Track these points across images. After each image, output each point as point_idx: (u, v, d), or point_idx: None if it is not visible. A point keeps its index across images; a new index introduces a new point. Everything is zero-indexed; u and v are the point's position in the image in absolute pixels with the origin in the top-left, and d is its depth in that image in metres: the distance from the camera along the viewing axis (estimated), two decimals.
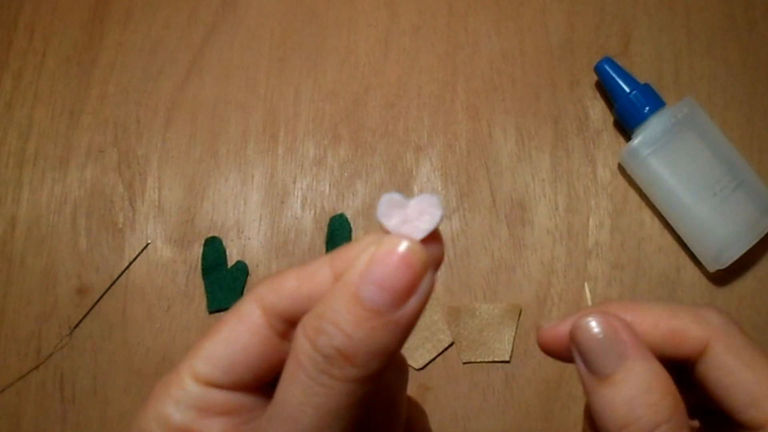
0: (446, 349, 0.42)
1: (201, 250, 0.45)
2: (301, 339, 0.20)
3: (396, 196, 0.19)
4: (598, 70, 0.43)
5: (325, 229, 0.45)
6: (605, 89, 0.44)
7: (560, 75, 0.46)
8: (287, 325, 0.22)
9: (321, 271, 0.21)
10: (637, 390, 0.21)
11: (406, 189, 0.45)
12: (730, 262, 0.40)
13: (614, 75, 0.43)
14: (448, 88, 0.47)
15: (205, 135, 0.48)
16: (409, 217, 0.19)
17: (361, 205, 0.45)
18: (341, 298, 0.19)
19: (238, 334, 0.22)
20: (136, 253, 0.46)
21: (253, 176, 0.47)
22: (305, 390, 0.19)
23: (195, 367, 0.22)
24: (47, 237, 0.47)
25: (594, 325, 0.22)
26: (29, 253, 0.46)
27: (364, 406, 0.20)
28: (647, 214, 0.43)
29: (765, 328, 0.41)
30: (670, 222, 0.42)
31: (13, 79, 0.50)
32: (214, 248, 0.45)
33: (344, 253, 0.21)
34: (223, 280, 0.44)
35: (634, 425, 0.21)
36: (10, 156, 0.49)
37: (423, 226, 0.19)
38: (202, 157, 0.48)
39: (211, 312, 0.44)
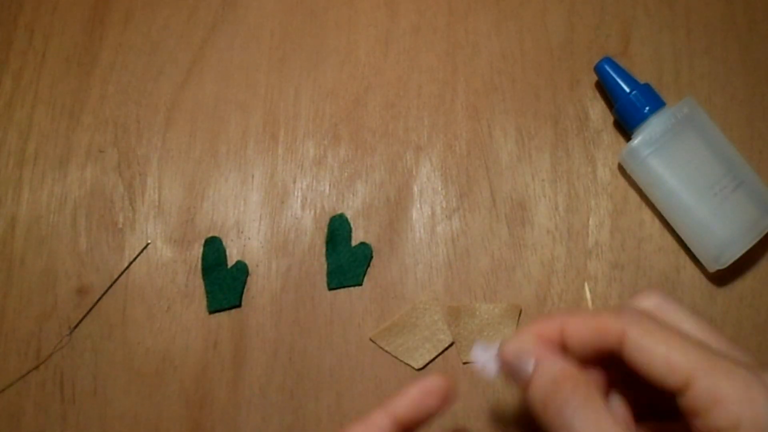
0: (446, 349, 0.42)
1: (201, 250, 0.45)
2: None
3: (483, 344, 0.31)
4: (598, 70, 0.43)
5: (325, 229, 0.45)
6: (605, 89, 0.44)
7: (560, 75, 0.46)
8: None
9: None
10: (546, 382, 0.28)
11: (405, 189, 0.45)
12: (730, 262, 0.40)
13: (614, 75, 0.43)
14: (448, 88, 0.47)
15: (205, 135, 0.48)
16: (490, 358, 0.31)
17: (361, 205, 0.45)
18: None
19: None
20: (136, 253, 0.46)
21: (253, 176, 0.47)
22: None
23: None
24: (47, 237, 0.47)
25: (509, 349, 0.30)
26: (29, 253, 0.46)
27: None
28: (647, 214, 0.43)
29: (765, 328, 0.41)
30: (670, 222, 0.42)
31: (13, 79, 0.50)
32: (214, 248, 0.45)
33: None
34: (223, 280, 0.44)
35: (549, 407, 0.28)
36: (10, 156, 0.49)
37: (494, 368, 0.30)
38: (202, 157, 0.48)
39: (211, 312, 0.44)
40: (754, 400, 0.25)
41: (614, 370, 0.30)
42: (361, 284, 0.44)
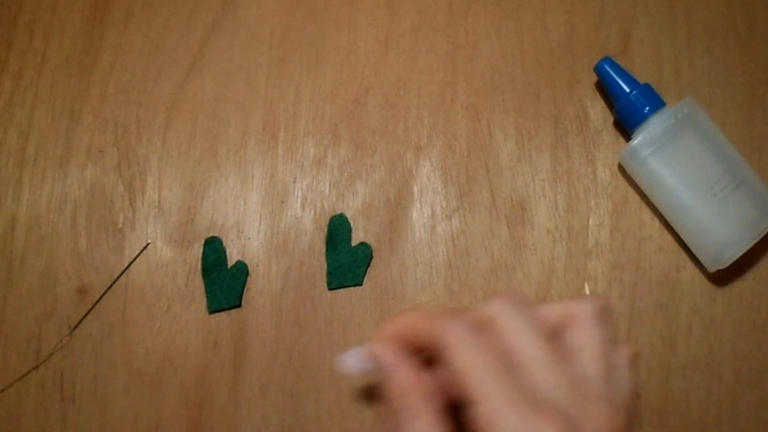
0: None
1: (201, 250, 0.45)
2: None
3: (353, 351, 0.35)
4: (598, 70, 0.43)
5: (325, 229, 0.45)
6: (605, 89, 0.44)
7: (560, 75, 0.46)
8: None
9: None
10: (393, 390, 0.31)
11: (405, 189, 0.45)
12: (730, 262, 0.40)
13: (614, 75, 0.43)
14: (448, 88, 0.47)
15: (205, 135, 0.48)
16: None
17: (361, 205, 0.45)
18: None
19: None
20: (136, 253, 0.46)
21: (253, 176, 0.47)
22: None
23: None
24: (47, 237, 0.47)
25: (369, 354, 0.33)
26: (29, 253, 0.46)
27: None
28: (647, 214, 0.43)
29: (765, 328, 0.41)
30: (670, 222, 0.42)
31: (13, 79, 0.50)
32: (214, 248, 0.45)
33: None
34: (223, 280, 0.44)
35: (393, 408, 0.30)
36: (10, 156, 0.49)
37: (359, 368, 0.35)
38: (202, 157, 0.48)
39: (211, 312, 0.44)
40: None
41: None
42: (361, 284, 0.44)
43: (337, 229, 0.45)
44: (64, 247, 0.46)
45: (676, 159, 0.41)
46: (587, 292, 0.42)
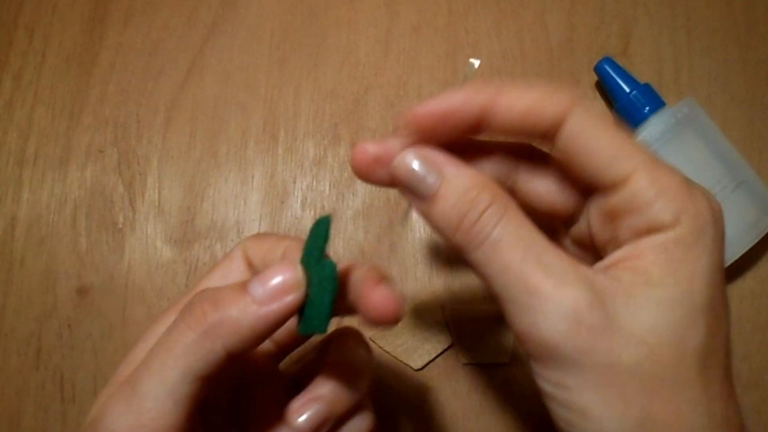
0: (446, 350, 0.42)
1: (200, 250, 0.45)
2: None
3: None
4: (598, 70, 0.43)
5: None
6: (605, 89, 0.44)
7: (560, 75, 0.46)
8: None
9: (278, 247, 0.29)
10: (458, 193, 0.24)
11: None
12: (730, 262, 0.40)
13: (614, 75, 0.43)
14: (448, 88, 0.47)
15: (205, 135, 0.48)
16: None
17: (361, 205, 0.45)
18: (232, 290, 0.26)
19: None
20: (136, 253, 0.46)
21: (253, 176, 0.47)
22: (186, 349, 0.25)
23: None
24: (47, 237, 0.47)
25: (409, 159, 0.25)
26: (29, 253, 0.46)
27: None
28: None
29: (765, 328, 0.41)
30: None
31: (13, 79, 0.50)
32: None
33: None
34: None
35: (464, 221, 0.24)
36: (10, 156, 0.49)
37: None
38: (202, 157, 0.48)
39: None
40: (695, 196, 0.24)
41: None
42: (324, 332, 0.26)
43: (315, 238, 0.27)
44: (64, 247, 0.46)
45: (676, 159, 0.41)
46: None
